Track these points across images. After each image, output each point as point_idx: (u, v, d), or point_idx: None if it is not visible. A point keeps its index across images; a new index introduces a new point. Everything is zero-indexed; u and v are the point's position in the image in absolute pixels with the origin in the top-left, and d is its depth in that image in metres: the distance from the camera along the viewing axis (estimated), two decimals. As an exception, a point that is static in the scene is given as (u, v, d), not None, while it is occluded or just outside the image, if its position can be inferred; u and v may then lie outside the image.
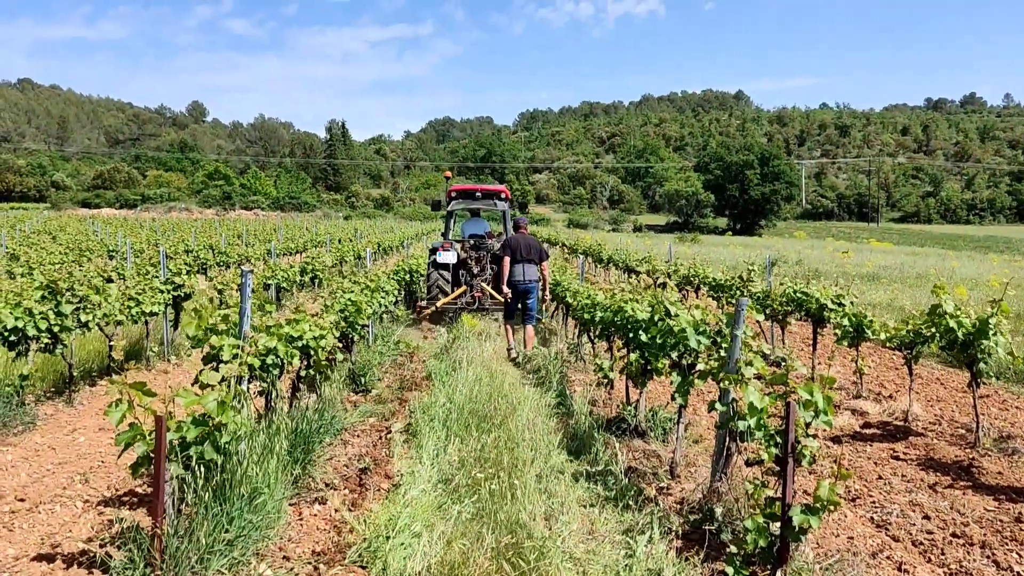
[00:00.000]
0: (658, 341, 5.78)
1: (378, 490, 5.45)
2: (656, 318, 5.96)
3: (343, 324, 7.85)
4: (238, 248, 25.30)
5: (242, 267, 4.86)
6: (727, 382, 4.68)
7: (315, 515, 5.12)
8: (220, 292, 13.28)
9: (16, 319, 7.11)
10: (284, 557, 4.33)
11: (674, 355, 5.88)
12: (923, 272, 27.91)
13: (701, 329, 5.50)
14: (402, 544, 4.35)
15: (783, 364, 5.09)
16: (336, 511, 5.19)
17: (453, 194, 15.86)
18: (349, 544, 4.48)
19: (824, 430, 6.96)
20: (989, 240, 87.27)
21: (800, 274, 22.78)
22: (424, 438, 6.49)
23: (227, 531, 3.89)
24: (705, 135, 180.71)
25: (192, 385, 5.02)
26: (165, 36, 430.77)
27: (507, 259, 11.39)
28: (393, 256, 35.77)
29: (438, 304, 14.21)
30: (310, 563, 4.23)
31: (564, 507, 5.05)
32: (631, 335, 7.49)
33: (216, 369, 4.55)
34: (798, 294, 10.42)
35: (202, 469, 4.01)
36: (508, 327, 11.49)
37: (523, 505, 4.75)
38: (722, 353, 5.17)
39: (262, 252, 25.72)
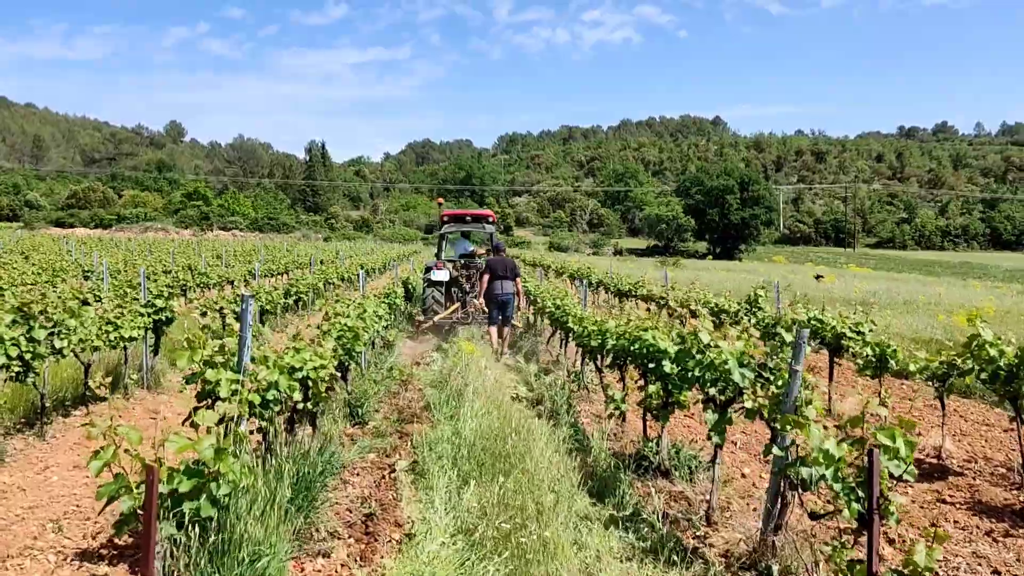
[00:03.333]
0: (696, 374, 5.28)
1: (389, 541, 4.88)
2: (694, 350, 5.46)
3: (340, 352, 7.29)
4: (218, 269, 24.58)
5: (242, 292, 4.33)
6: (786, 424, 4.19)
7: (318, 571, 4.54)
8: (203, 315, 12.67)
9: (-16, 346, 6.49)
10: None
11: (712, 390, 5.38)
12: (909, 298, 27.73)
13: (745, 362, 5.01)
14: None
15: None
16: (343, 566, 4.63)
17: (446, 218, 17.46)
18: (363, 609, 3.92)
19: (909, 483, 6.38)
20: (965, 266, 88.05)
21: (794, 300, 22.45)
22: (433, 478, 5.94)
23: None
24: (684, 159, 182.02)
25: (183, 424, 4.47)
26: (143, 55, 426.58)
27: (486, 277, 13.86)
28: (376, 278, 35.16)
29: (435, 319, 15.46)
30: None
31: (601, 562, 4.52)
32: (651, 365, 7.02)
33: (212, 407, 3.99)
34: (812, 321, 10.00)
35: (196, 528, 3.44)
36: (492, 331, 13.85)
37: (561, 562, 4.21)
38: (773, 390, 4.69)
39: (243, 273, 25.00)
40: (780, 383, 4.56)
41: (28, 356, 7.13)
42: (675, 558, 4.66)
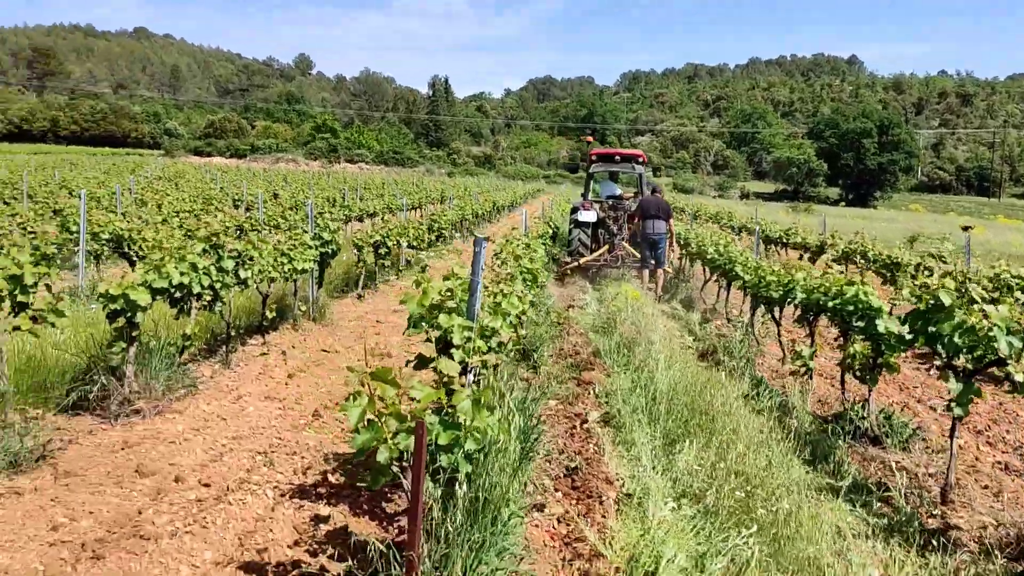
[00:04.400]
0: (957, 340, 4.70)
1: (601, 499, 4.63)
2: (957, 313, 4.86)
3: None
4: (358, 203, 24.99)
5: (476, 233, 4.08)
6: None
7: (536, 525, 4.35)
8: (360, 249, 12.77)
9: (182, 274, 6.59)
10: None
11: (961, 358, 4.82)
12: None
13: (1013, 328, 4.43)
14: (673, 584, 3.53)
15: None
16: (560, 521, 4.43)
17: (594, 157, 16.72)
18: (601, 574, 3.68)
19: None
20: None
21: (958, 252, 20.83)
22: (631, 432, 5.66)
23: (483, 561, 3.14)
24: (816, 101, 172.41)
25: (405, 366, 4.31)
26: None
27: (638, 217, 13.90)
28: (507, 216, 35.08)
29: (581, 261, 15.14)
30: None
31: (843, 540, 4.13)
32: (859, 323, 6.46)
33: (449, 356, 3.79)
34: (1016, 279, 9.07)
35: (447, 483, 3.26)
36: (644, 274, 13.97)
37: (807, 539, 3.85)
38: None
39: (381, 207, 25.33)
40: None
41: (218, 285, 7.25)
42: (920, 540, 4.22)
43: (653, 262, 13.79)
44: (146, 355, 6.33)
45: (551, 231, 16.96)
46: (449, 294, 4.13)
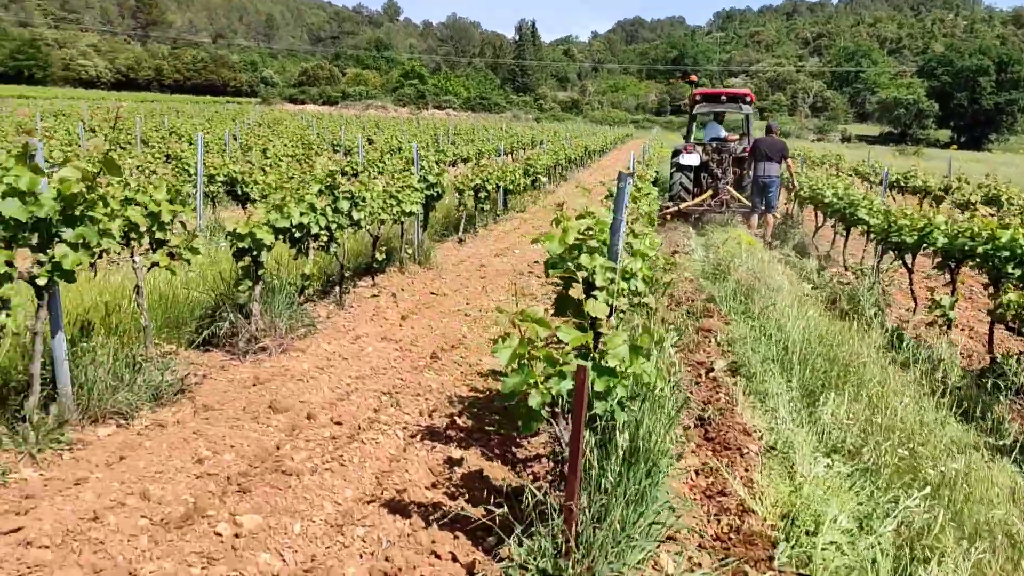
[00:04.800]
0: None
1: (742, 451, 4.41)
2: None
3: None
4: (452, 148, 24.94)
5: (620, 171, 3.84)
6: None
7: (674, 477, 4.18)
8: (461, 193, 12.67)
9: (301, 215, 6.60)
10: (690, 546, 3.41)
11: None
12: None
13: None
14: (834, 545, 3.31)
15: None
16: (698, 473, 4.24)
17: (698, 98, 15.84)
18: (754, 532, 3.49)
19: None
20: None
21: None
22: (763, 383, 5.39)
23: (641, 514, 2.99)
24: (926, 37, 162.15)
25: (547, 313, 4.15)
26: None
27: (751, 157, 13.33)
28: (597, 161, 34.50)
29: (682, 206, 14.58)
30: (723, 561, 3.27)
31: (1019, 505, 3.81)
32: (1014, 270, 5.98)
33: (594, 297, 3.61)
34: None
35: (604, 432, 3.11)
36: (753, 219, 13.44)
37: (985, 503, 3.55)
38: None
39: (473, 152, 25.21)
40: None
41: (334, 226, 7.25)
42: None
43: (763, 207, 13.17)
44: (268, 294, 6.40)
45: (654, 176, 16.46)
46: (589, 233, 3.93)
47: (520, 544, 2.88)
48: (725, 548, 3.39)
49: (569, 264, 3.70)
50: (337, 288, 7.93)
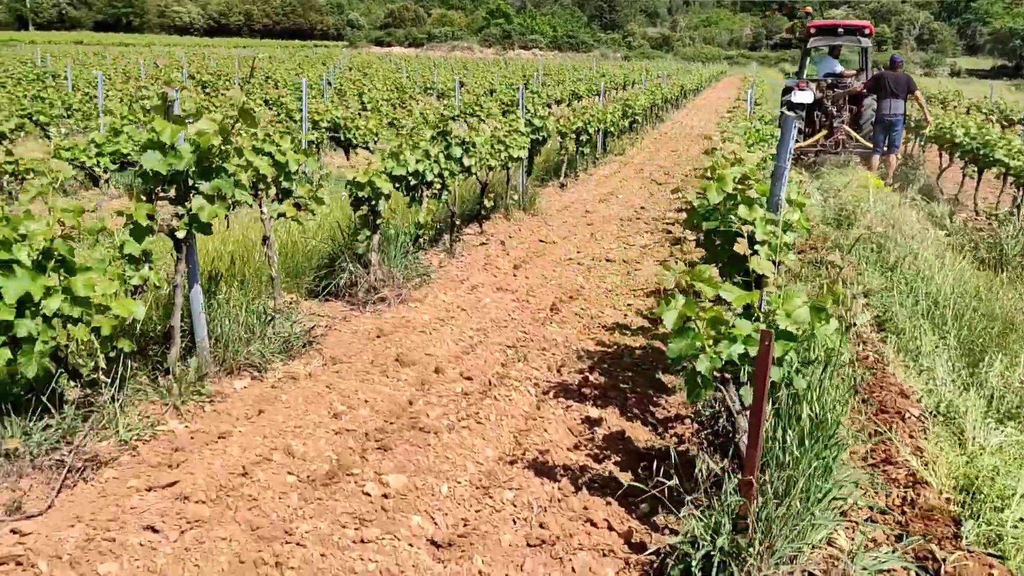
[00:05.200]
0: None
1: (903, 416, 4.09)
2: None
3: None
4: (546, 88, 24.42)
5: (782, 111, 3.52)
6: None
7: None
8: (563, 136, 12.34)
9: (417, 162, 6.47)
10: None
11: None
12: None
13: None
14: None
15: None
16: (854, 439, 3.96)
17: (812, 30, 14.66)
18: (933, 506, 3.22)
19: None
20: None
21: None
22: (913, 340, 5.03)
23: (822, 489, 2.77)
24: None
25: (677, 263, 3.90)
26: None
27: (873, 96, 12.51)
28: (693, 100, 33.31)
29: (794, 146, 13.17)
30: (903, 538, 3.03)
31: None
32: None
33: (755, 251, 3.35)
34: None
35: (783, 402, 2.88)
36: (875, 159, 12.51)
37: None
38: None
39: (565, 93, 24.63)
40: None
41: (446, 174, 7.10)
42: None
43: (885, 147, 12.32)
44: (385, 244, 6.32)
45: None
46: (746, 183, 3.64)
47: (696, 518, 2.70)
48: (899, 523, 3.15)
49: (731, 216, 3.43)
50: (447, 236, 7.83)
